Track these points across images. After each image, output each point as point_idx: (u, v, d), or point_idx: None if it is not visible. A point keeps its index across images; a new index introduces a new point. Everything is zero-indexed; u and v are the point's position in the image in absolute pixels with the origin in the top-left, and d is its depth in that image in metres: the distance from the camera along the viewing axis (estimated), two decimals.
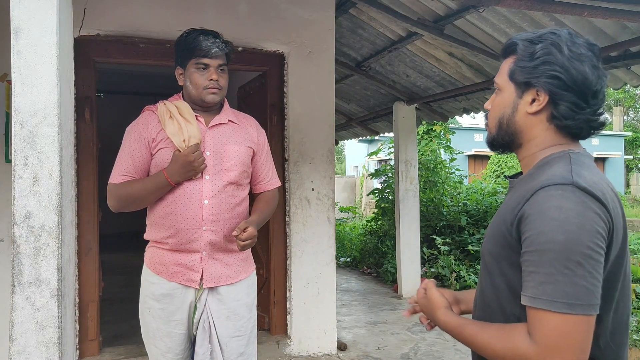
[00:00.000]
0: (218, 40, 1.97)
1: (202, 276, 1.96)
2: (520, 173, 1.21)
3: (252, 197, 2.18)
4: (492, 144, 1.23)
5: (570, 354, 0.95)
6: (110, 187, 1.97)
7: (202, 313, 1.98)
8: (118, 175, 1.95)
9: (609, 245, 1.00)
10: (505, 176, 1.34)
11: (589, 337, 0.97)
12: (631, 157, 24.68)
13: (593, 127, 1.11)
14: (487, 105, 1.24)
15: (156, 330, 1.98)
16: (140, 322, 2.05)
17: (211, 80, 1.95)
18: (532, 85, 1.11)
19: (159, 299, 1.96)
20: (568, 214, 0.96)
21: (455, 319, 1.21)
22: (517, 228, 1.04)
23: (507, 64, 1.16)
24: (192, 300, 1.98)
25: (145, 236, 2.06)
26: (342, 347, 4.02)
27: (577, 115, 1.09)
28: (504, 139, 1.19)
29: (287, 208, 3.81)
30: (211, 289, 1.98)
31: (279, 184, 2.24)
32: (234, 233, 1.89)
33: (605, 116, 1.18)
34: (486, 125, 1.25)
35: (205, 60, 1.94)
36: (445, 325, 1.22)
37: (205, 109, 2.03)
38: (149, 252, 2.04)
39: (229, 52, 2.01)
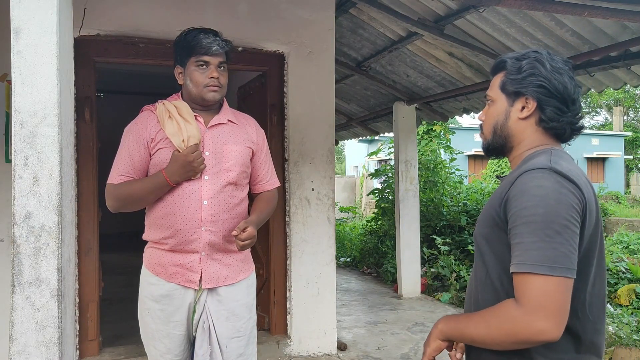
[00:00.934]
0: (218, 38, 1.97)
1: (201, 277, 1.95)
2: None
3: (252, 197, 2.18)
4: (488, 149, 1.39)
5: (552, 313, 1.07)
6: (108, 188, 1.96)
7: (201, 314, 1.98)
8: (117, 175, 1.95)
9: (583, 221, 1.14)
10: (497, 176, 1.52)
11: (568, 298, 1.09)
12: (631, 157, 24.67)
13: (574, 129, 1.30)
14: (481, 116, 1.41)
15: (155, 332, 1.98)
16: (139, 323, 2.05)
17: (212, 78, 1.94)
18: (521, 94, 1.29)
19: (158, 300, 1.96)
20: (547, 191, 1.12)
21: (451, 317, 1.30)
22: (503, 209, 1.19)
23: (498, 79, 1.34)
24: (192, 301, 1.97)
25: (144, 237, 2.05)
26: (342, 347, 4.02)
27: (561, 118, 1.27)
28: (497, 143, 1.36)
29: (287, 208, 3.81)
30: (210, 289, 1.98)
31: (278, 184, 2.23)
32: (234, 233, 1.88)
33: (584, 121, 1.39)
34: (481, 133, 1.41)
35: (206, 58, 1.94)
36: (445, 331, 1.29)
37: (204, 108, 2.02)
38: (148, 253, 2.04)
39: (229, 51, 2.01)
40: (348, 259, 8.33)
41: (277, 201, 2.26)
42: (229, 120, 2.06)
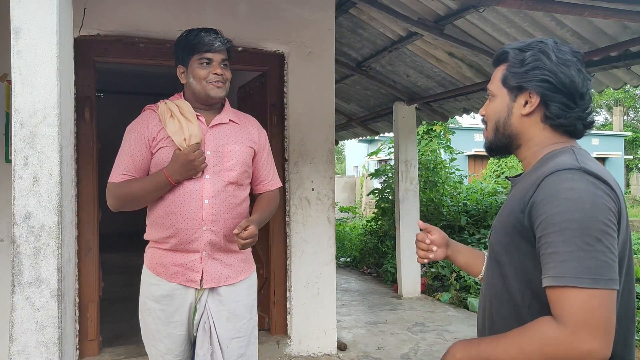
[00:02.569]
0: (219, 36, 1.98)
1: (202, 276, 1.95)
2: (522, 174, 1.25)
3: (253, 198, 2.18)
4: (491, 148, 1.29)
5: (600, 330, 0.95)
6: (109, 186, 1.96)
7: (202, 314, 1.98)
8: (118, 174, 1.95)
9: (618, 225, 1.03)
10: (506, 177, 1.39)
11: (614, 312, 0.98)
12: (631, 157, 24.68)
13: (585, 124, 1.19)
14: (482, 111, 1.30)
15: (156, 332, 1.98)
16: (140, 324, 2.05)
17: (215, 74, 1.95)
18: (524, 89, 1.19)
19: (159, 300, 1.96)
20: (581, 193, 1.01)
21: (469, 343, 1.15)
22: (528, 215, 1.07)
23: (499, 71, 1.24)
24: (192, 301, 1.97)
25: (145, 236, 2.05)
26: (342, 347, 4.02)
27: (568, 114, 1.16)
28: (501, 142, 1.25)
29: (287, 208, 3.81)
30: (211, 289, 1.98)
31: (280, 184, 2.23)
32: (235, 231, 1.88)
33: (595, 115, 1.26)
34: (484, 131, 1.31)
35: (209, 55, 1.95)
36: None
37: (206, 107, 2.03)
38: (149, 253, 2.04)
39: (230, 49, 2.02)
40: (348, 259, 8.33)
41: (279, 202, 2.26)
42: (230, 120, 2.06)
